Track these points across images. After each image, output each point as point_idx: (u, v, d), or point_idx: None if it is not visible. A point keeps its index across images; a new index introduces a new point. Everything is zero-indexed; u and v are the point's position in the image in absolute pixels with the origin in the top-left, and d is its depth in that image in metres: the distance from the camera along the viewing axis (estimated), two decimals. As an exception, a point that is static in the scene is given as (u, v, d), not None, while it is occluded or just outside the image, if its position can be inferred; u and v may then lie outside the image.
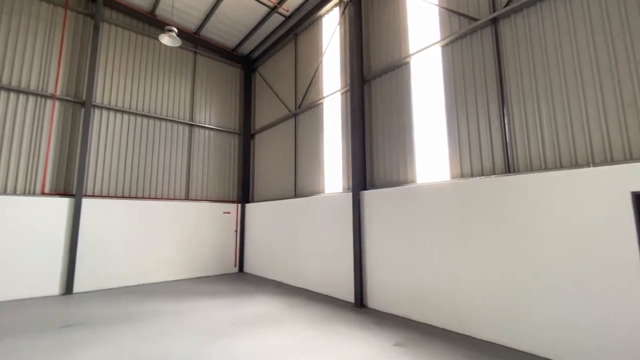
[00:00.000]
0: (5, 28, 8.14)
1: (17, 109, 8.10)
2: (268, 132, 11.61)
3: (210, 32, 11.28)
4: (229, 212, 11.47)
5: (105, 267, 8.77)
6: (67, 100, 8.83)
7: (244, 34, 11.39)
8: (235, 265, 11.37)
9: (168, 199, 10.26)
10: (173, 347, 4.74)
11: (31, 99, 8.32)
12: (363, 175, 7.46)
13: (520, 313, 4.60)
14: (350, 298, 7.25)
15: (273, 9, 10.01)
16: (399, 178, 6.86)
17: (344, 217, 7.62)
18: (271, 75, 11.80)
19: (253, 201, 12.03)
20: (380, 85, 7.59)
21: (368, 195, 7.09)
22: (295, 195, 9.83)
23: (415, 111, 6.82)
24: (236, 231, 11.57)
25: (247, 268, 11.32)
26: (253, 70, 12.86)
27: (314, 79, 9.61)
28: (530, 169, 5.00)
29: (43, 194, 8.18)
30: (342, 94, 8.58)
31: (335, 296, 7.66)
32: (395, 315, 6.28)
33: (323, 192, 8.81)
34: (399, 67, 7.22)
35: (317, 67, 9.47)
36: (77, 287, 8.30)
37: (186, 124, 10.99)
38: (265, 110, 11.92)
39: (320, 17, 9.74)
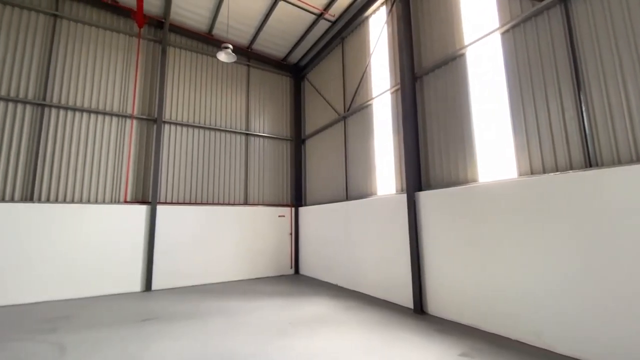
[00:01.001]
0: (92, 59, 9.50)
1: (103, 129, 9.38)
2: (318, 136, 11.80)
3: (261, 45, 11.88)
4: (283, 216, 11.87)
5: (176, 267, 9.66)
6: (142, 119, 9.97)
7: (292, 43, 11.79)
8: (291, 267, 11.71)
9: (229, 204, 10.97)
10: (237, 343, 5.02)
11: (114, 119, 9.57)
12: (418, 175, 7.18)
13: (608, 326, 3.99)
14: (409, 303, 6.98)
15: (319, 16, 10.21)
16: (458, 177, 6.46)
17: (399, 219, 7.40)
18: (319, 81, 12.01)
19: (306, 204, 12.29)
20: (433, 80, 7.26)
21: (424, 196, 6.79)
22: (347, 198, 9.81)
23: (474, 105, 6.39)
24: (291, 234, 11.92)
25: (303, 270, 11.58)
26: (302, 78, 13.21)
27: (362, 80, 9.55)
28: (618, 161, 4.35)
29: (125, 202, 9.32)
30: (392, 93, 8.39)
31: (393, 301, 7.44)
32: (459, 323, 5.89)
33: (375, 194, 8.67)
34: (453, 60, 6.84)
35: (365, 69, 9.40)
36: (155, 285, 9.27)
37: (243, 133, 11.68)
38: (314, 116, 12.15)
39: (367, 18, 9.67)
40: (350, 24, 10.05)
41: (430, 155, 7.13)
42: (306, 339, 5.16)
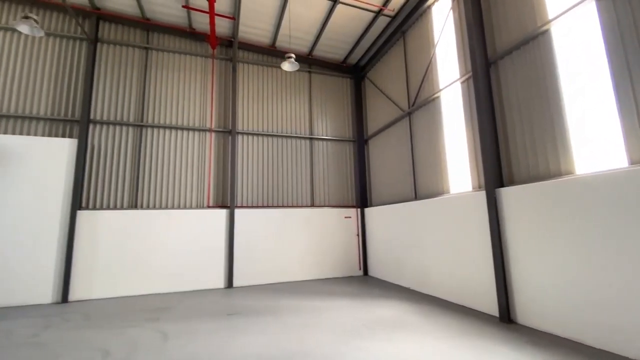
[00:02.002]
0: (176, 83, 10.80)
1: (188, 143, 10.58)
2: (381, 135, 11.57)
3: (321, 50, 12.13)
4: (349, 217, 11.89)
5: (253, 266, 10.37)
6: (219, 131, 10.98)
7: (351, 44, 11.79)
8: (359, 269, 11.65)
9: (297, 206, 11.41)
10: (313, 342, 5.16)
11: (196, 133, 10.72)
12: (497, 170, 6.53)
13: None
14: (492, 310, 6.37)
15: (378, 13, 10.03)
16: (549, 170, 5.70)
17: (476, 219, 6.82)
18: (381, 79, 11.78)
19: (372, 205, 12.13)
20: (510, 64, 6.56)
21: (507, 193, 6.15)
22: (416, 198, 9.40)
23: (564, 86, 5.58)
24: (358, 235, 11.87)
25: (372, 271, 11.42)
26: (362, 78, 13.13)
27: (427, 73, 9.08)
28: None
29: (209, 206, 10.36)
30: (462, 82, 7.81)
31: (472, 307, 6.88)
32: (556, 335, 5.17)
33: (448, 192, 8.14)
34: (534, 39, 6.08)
35: (430, 61, 8.92)
36: (236, 282, 10.10)
37: (307, 138, 12.06)
38: (377, 115, 11.95)
39: (429, 7, 9.19)
40: (410, 16, 9.66)
41: (512, 148, 6.43)
42: (383, 343, 5.06)
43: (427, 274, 8.39)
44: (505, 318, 5.92)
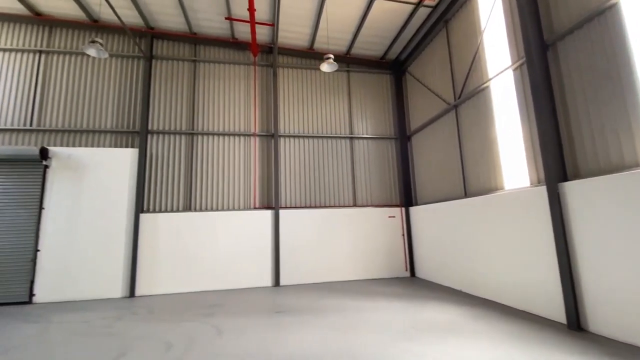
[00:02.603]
0: (222, 91, 11.38)
1: (234, 147, 11.10)
2: (425, 131, 11.13)
3: (359, 48, 12.01)
4: (393, 216, 11.61)
5: (298, 265, 10.57)
6: (262, 135, 11.37)
7: (390, 39, 11.52)
8: (406, 270, 11.32)
9: (339, 206, 11.41)
10: (359, 342, 5.11)
11: (242, 138, 11.21)
12: (560, 163, 5.94)
13: None
14: (558, 316, 5.80)
15: (418, 4, 9.68)
16: (622, 161, 5.05)
17: (535, 217, 6.26)
18: (422, 72, 11.34)
19: (417, 204, 11.72)
20: (571, 44, 5.92)
21: (572, 188, 5.56)
22: (466, 195, 8.89)
23: (638, 62, 4.90)
24: (403, 235, 11.54)
25: (419, 273, 11.03)
26: (403, 72, 12.75)
27: (474, 62, 8.55)
28: None
29: (255, 208, 10.78)
30: (514, 69, 7.23)
31: (534, 312, 6.32)
32: (638, 347, 4.55)
33: (502, 188, 7.58)
34: (600, 15, 5.43)
35: (477, 49, 8.39)
36: (283, 281, 10.37)
37: (347, 137, 12.01)
38: (419, 110, 11.53)
39: (474, -8, 8.65)
40: (453, 4, 9.18)
41: (577, 137, 5.80)
42: (434, 346, 4.86)
43: (480, 275, 7.89)
44: (574, 325, 5.35)
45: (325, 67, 9.01)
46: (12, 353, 5.11)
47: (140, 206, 9.88)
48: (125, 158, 9.90)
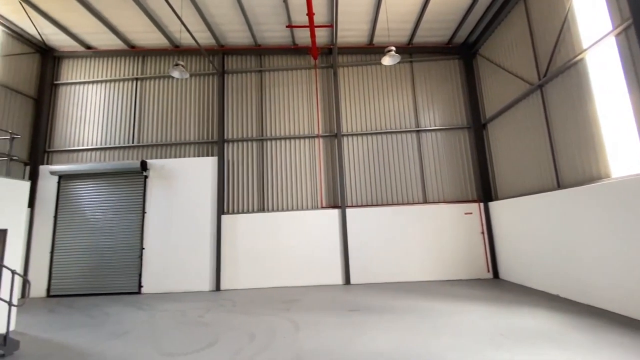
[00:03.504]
0: (286, 97, 11.88)
1: (300, 150, 11.50)
2: (504, 117, 10.03)
3: (422, 36, 11.40)
4: (470, 213, 10.71)
5: (368, 264, 10.47)
6: (325, 136, 11.56)
7: (457, 22, 10.67)
8: (488, 271, 10.34)
9: (408, 203, 10.97)
10: (441, 346, 4.81)
11: (306, 140, 11.56)
12: (691, 140, 4.78)
13: None
14: (700, 332, 4.66)
15: (488, -22, 8.77)
16: None
17: (660, 208, 5.14)
18: (497, 53, 10.25)
19: (497, 199, 10.63)
20: (703, -8, 4.72)
21: None
22: (559, 186, 7.75)
23: None
24: (482, 233, 10.57)
25: (504, 274, 9.98)
26: (473, 56, 11.70)
27: (562, 33, 7.41)
28: None
29: (322, 207, 11.01)
30: (617, 35, 6.06)
31: (664, 325, 5.19)
32: None
33: (608, 176, 6.42)
34: None
35: (565, 17, 7.25)
36: (353, 279, 10.39)
37: (413, 131, 11.49)
38: (495, 95, 10.44)
39: (558, -48, 7.50)
40: (532, -29, 8.09)
41: None
42: (529, 357, 4.33)
43: (584, 279, 6.79)
44: None
45: (387, 60, 8.76)
46: (130, 334, 6.07)
47: (221, 208, 10.89)
48: (206, 165, 11.01)
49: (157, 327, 6.51)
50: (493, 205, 10.42)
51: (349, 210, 10.82)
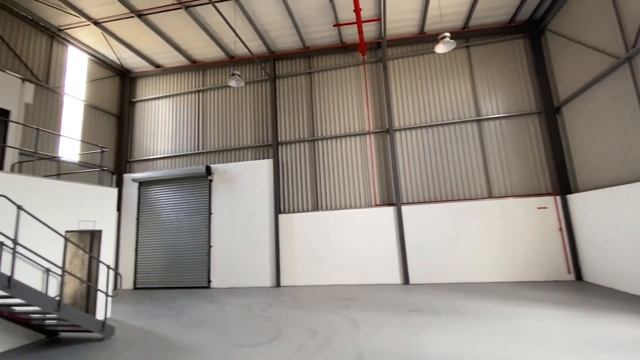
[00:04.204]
0: (335, 96, 11.91)
1: (351, 148, 11.45)
2: (582, 97, 8.83)
3: (479, 18, 10.57)
4: (545, 208, 9.63)
5: (428, 263, 10.03)
6: (377, 132, 11.34)
7: (520, -3, 9.68)
8: (568, 272, 9.20)
9: (470, 199, 10.26)
10: (517, 354, 4.41)
11: (357, 138, 11.47)
12: None
13: None
14: None
15: (557, -57, 7.79)
16: None
17: None
18: (570, 26, 9.06)
19: (578, 191, 9.41)
20: None
21: None
22: (659, 173, 6.59)
23: None
24: (560, 229, 9.44)
25: (589, 276, 8.80)
26: (540, 32, 10.50)
27: (658, -8, 6.27)
28: None
29: (376, 205, 10.83)
30: None
31: None
32: None
33: None
34: None
35: (662, -27, 6.13)
36: (412, 279, 10.04)
37: (473, 120, 10.70)
38: (570, 73, 9.24)
39: None
40: None
41: None
42: (626, 371, 3.76)
43: (697, 283, 5.68)
44: None
45: (441, 47, 8.28)
46: (204, 325, 6.64)
47: (278, 208, 11.34)
48: (263, 168, 11.55)
49: (226, 319, 7.01)
50: (573, 198, 9.25)
51: (404, 208, 10.48)
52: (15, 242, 4.90)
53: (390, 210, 10.58)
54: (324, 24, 10.91)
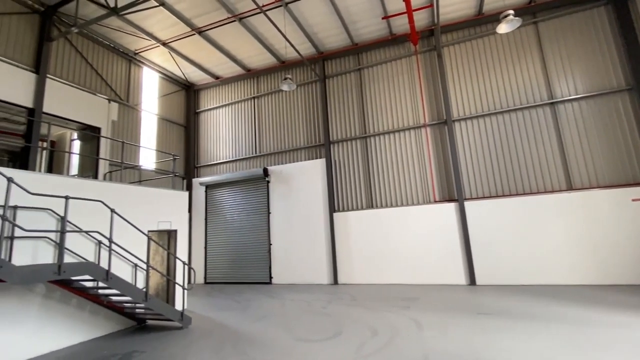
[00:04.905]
0: (387, 91, 11.60)
1: (406, 143, 11.06)
2: (691, 66, 7.35)
3: (549, -12, 9.43)
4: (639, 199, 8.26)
5: (496, 263, 9.25)
6: (433, 124, 10.78)
7: (601, -43, 8.40)
8: (677, 275, 7.77)
9: (545, 192, 9.22)
10: (615, 368, 3.84)
11: (412, 132, 11.04)
12: None
13: None
14: None
15: None
16: None
17: None
18: (671, -18, 7.60)
19: (687, 178, 7.88)
20: None
21: None
22: None
23: None
24: (664, 224, 8.00)
25: None
26: (629, -5, 9.00)
27: None
28: None
29: (435, 201, 10.31)
30: None
31: None
32: None
33: None
34: None
35: None
36: (479, 280, 9.36)
37: (545, 104, 9.60)
38: (673, 38, 7.75)
39: None
40: None
41: None
42: None
43: None
44: None
45: (504, 27, 7.56)
46: (268, 318, 6.98)
47: (332, 206, 11.44)
48: (316, 167, 11.75)
49: (287, 314, 7.29)
50: (680, 187, 7.77)
51: (467, 204, 9.80)
52: (110, 240, 5.68)
53: (451, 207, 9.98)
54: (372, 18, 10.70)
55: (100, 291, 5.95)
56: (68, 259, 5.58)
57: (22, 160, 9.05)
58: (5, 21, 8.68)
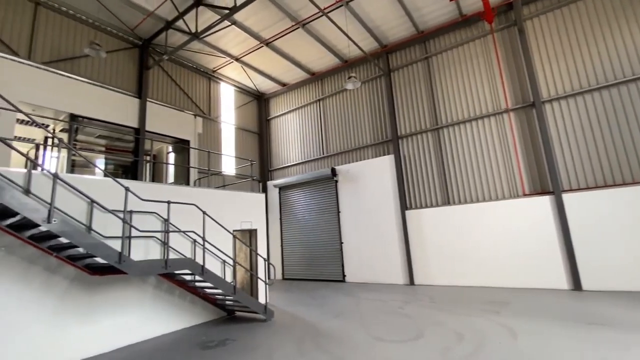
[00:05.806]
0: (459, 76, 10.71)
1: (485, 131, 10.07)
2: None
3: None
4: None
5: (607, 266, 7.81)
6: (518, 108, 9.61)
7: None
8: None
9: (675, 178, 7.46)
10: None
11: (492, 119, 10.01)
12: None
13: None
14: None
15: None
16: None
17: None
18: None
19: None
20: None
21: None
22: None
23: None
24: None
25: None
26: None
27: None
28: None
29: (524, 195, 9.17)
30: None
31: None
32: None
33: None
34: None
35: None
36: (585, 284, 8.01)
37: (670, 71, 7.78)
38: None
39: None
40: None
41: None
42: None
43: None
44: None
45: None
46: (344, 315, 7.06)
47: (404, 204, 11.03)
48: (384, 164, 11.47)
49: (363, 312, 7.26)
50: None
51: (566, 196, 8.48)
52: (204, 239, 6.40)
53: (545, 200, 8.76)
54: (439, 1, 10.01)
55: (197, 284, 6.74)
56: (171, 255, 6.45)
57: (132, 172, 10.80)
58: (114, 57, 10.45)
